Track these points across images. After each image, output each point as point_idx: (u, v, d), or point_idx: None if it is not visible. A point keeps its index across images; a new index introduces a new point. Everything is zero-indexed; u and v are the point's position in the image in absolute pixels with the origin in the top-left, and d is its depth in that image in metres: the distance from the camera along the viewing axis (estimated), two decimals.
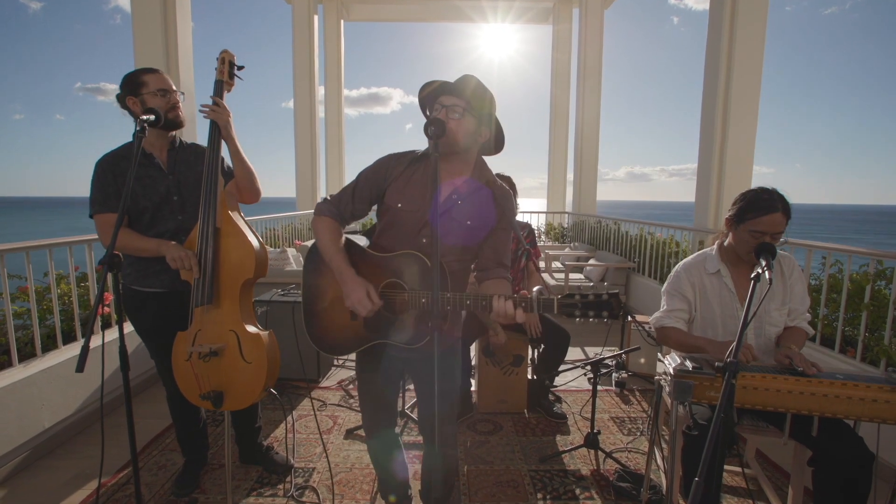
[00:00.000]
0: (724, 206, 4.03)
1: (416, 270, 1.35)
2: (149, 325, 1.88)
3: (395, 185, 1.43)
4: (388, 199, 1.44)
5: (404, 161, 1.46)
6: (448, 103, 1.35)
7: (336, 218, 1.48)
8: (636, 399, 3.01)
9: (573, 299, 1.20)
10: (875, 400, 1.36)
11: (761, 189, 1.66)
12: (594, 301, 1.19)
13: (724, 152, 4.01)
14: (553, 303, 1.20)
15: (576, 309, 1.20)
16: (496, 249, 1.48)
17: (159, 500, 1.97)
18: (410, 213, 1.41)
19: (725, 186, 4.02)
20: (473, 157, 1.46)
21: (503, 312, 1.23)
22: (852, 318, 2.46)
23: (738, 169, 4.01)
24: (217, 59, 1.77)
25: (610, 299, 1.19)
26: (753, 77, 3.91)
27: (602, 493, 2.04)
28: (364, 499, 2.00)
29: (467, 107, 1.36)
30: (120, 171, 1.76)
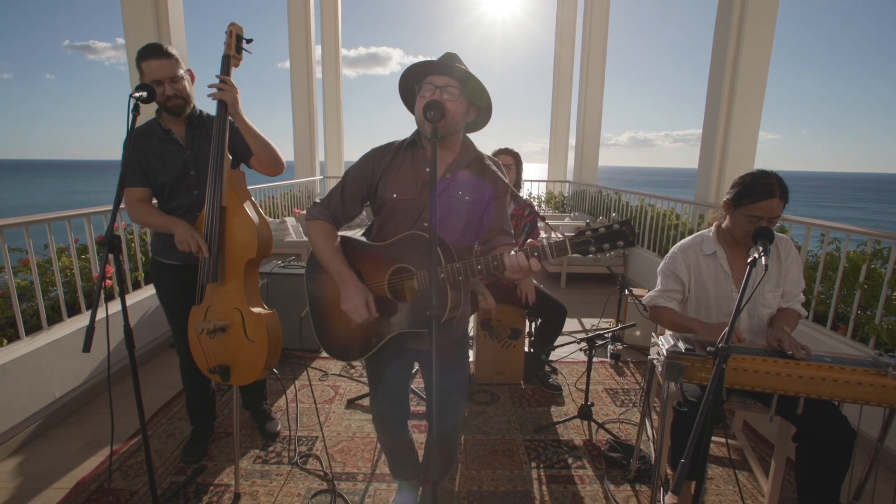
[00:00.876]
0: (726, 176, 4.00)
1: (422, 250, 1.32)
2: (167, 294, 1.98)
3: (386, 178, 1.41)
4: (381, 192, 1.42)
5: (389, 152, 1.44)
6: (441, 83, 1.31)
7: (329, 220, 1.45)
8: (630, 371, 3.09)
9: (584, 236, 1.12)
10: (860, 383, 1.40)
11: (760, 173, 1.65)
12: (606, 233, 1.11)
13: (730, 117, 3.92)
14: (565, 244, 1.13)
15: (590, 245, 1.11)
16: (497, 218, 1.47)
17: (169, 466, 2.06)
18: (407, 202, 1.40)
19: (730, 153, 3.95)
20: (461, 136, 1.43)
21: (517, 265, 1.17)
22: (846, 296, 2.49)
23: (743, 134, 3.93)
24: (225, 32, 1.73)
25: (622, 228, 1.11)
26: (765, 39, 3.80)
27: (593, 462, 2.13)
28: (365, 466, 2.09)
29: (461, 87, 1.32)
30: (143, 146, 1.83)
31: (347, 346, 1.48)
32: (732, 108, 3.91)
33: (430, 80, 1.32)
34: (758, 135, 4.02)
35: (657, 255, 4.68)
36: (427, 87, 1.32)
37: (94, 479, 1.96)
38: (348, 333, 1.46)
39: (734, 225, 1.70)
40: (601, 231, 1.10)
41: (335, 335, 1.50)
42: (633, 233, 1.12)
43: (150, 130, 1.86)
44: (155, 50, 1.74)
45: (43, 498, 1.86)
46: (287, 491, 1.92)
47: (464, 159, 1.42)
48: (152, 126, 1.87)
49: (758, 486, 1.98)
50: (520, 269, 1.18)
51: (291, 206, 6.44)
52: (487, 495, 1.92)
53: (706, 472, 1.99)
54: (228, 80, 1.67)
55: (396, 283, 1.37)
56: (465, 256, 1.45)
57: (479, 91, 1.36)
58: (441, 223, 1.39)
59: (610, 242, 1.10)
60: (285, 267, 3.33)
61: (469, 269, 1.24)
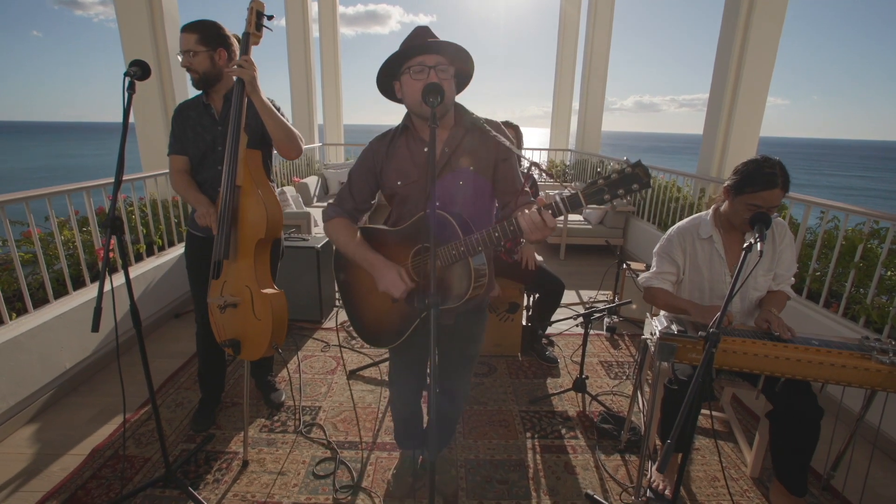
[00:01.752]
0: (731, 144, 3.90)
1: (439, 227, 1.30)
2: (192, 264, 2.08)
3: (387, 167, 1.42)
4: (385, 181, 1.42)
5: (385, 142, 1.44)
6: (432, 63, 1.27)
7: (344, 216, 1.48)
8: (625, 344, 3.17)
9: (597, 185, 1.07)
10: (844, 366, 1.45)
11: (764, 161, 1.64)
12: (619, 178, 1.05)
13: (738, 81, 3.78)
14: (578, 196, 1.09)
15: (604, 193, 1.06)
16: (507, 180, 1.44)
17: (179, 434, 2.15)
18: (413, 184, 1.40)
19: (736, 118, 3.85)
20: (451, 111, 1.40)
21: (532, 225, 1.15)
22: (841, 275, 2.52)
23: (751, 99, 3.82)
24: (248, 9, 1.71)
25: (635, 170, 1.04)
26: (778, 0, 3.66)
27: (586, 433, 2.23)
28: (367, 436, 2.18)
29: (448, 64, 1.31)
30: (184, 117, 1.96)
31: (388, 330, 1.48)
32: (741, 71, 3.77)
33: (420, 61, 1.28)
34: (766, 100, 3.90)
35: (657, 228, 4.68)
36: (417, 68, 1.28)
37: (108, 447, 2.05)
38: (383, 320, 1.48)
39: (733, 211, 1.70)
40: (613, 177, 1.06)
41: (376, 323, 1.51)
42: (648, 173, 1.05)
43: (193, 104, 1.98)
44: (186, 25, 1.86)
45: (61, 463, 1.95)
46: (293, 458, 2.02)
47: (459, 131, 1.40)
48: (197, 100, 1.98)
49: (741, 456, 2.08)
50: (536, 228, 1.15)
51: (290, 175, 6.39)
52: (484, 463, 2.01)
53: (693, 445, 2.08)
54: (248, 59, 1.67)
55: (421, 264, 1.35)
56: (483, 225, 1.45)
57: (466, 61, 1.34)
58: (452, 198, 1.38)
59: (624, 187, 1.04)
60: (286, 239, 3.35)
61: (487, 237, 1.22)
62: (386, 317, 1.46)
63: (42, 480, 1.87)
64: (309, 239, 3.38)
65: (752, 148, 3.96)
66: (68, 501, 1.75)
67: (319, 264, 3.26)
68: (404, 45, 1.32)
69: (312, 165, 7.32)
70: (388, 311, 1.45)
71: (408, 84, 1.31)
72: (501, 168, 1.43)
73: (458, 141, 1.40)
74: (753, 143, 3.96)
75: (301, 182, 5.98)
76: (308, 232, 4.11)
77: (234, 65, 1.65)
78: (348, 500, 1.81)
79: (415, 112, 1.36)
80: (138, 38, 3.50)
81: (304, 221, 4.08)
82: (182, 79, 3.76)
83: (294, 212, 4.17)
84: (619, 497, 1.84)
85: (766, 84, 3.85)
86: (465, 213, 1.38)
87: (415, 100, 1.29)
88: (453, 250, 1.27)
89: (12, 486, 1.83)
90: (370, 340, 1.54)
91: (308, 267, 3.26)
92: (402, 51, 1.30)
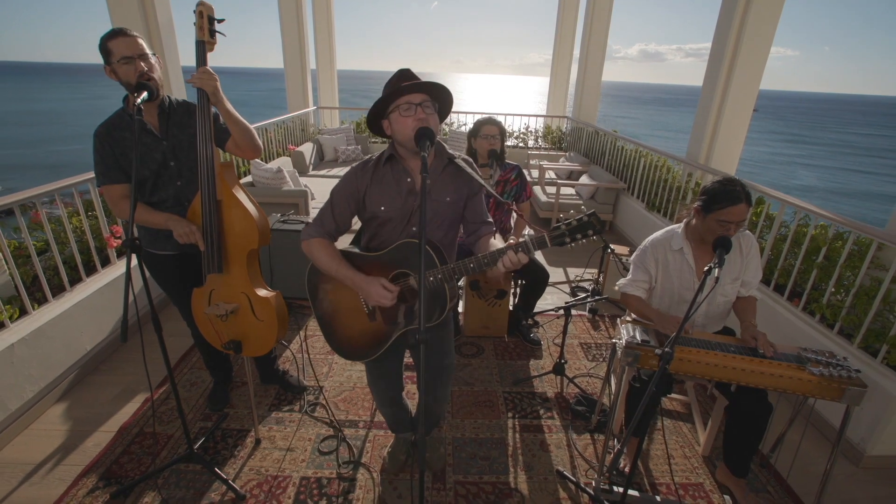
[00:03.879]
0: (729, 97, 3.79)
1: (417, 255, 1.44)
2: (167, 283, 2.09)
3: (370, 193, 1.54)
4: (368, 206, 1.56)
5: (369, 170, 1.56)
6: (417, 101, 1.40)
7: (324, 236, 1.60)
8: (605, 326, 3.41)
9: (560, 230, 1.30)
10: (782, 376, 1.67)
11: (727, 181, 1.79)
12: (577, 224, 1.28)
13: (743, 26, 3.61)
14: (545, 238, 1.31)
15: (565, 237, 1.29)
16: (477, 211, 1.63)
17: (197, 413, 2.39)
18: (395, 210, 1.54)
19: (737, 67, 3.70)
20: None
21: (508, 263, 1.34)
22: (806, 271, 2.71)
23: (756, 46, 3.66)
24: (194, 12, 1.67)
25: (590, 219, 1.27)
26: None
27: (561, 413, 2.49)
28: (365, 415, 2.43)
29: (433, 101, 1.44)
30: (115, 141, 1.79)
31: (361, 347, 1.66)
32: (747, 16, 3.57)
33: (407, 100, 1.41)
34: (769, 50, 3.76)
35: (645, 207, 4.81)
36: (405, 106, 1.41)
37: (134, 424, 2.29)
38: (360, 336, 1.65)
39: (705, 228, 1.86)
40: (573, 223, 1.28)
41: (349, 340, 1.68)
42: (600, 222, 1.30)
43: (120, 123, 1.78)
44: (122, 30, 1.69)
45: (94, 439, 2.20)
46: (300, 436, 2.27)
47: (439, 164, 1.55)
48: (121, 117, 1.79)
49: (696, 437, 2.36)
50: (512, 264, 1.35)
51: (286, 142, 6.37)
52: (469, 441, 2.28)
53: (648, 430, 2.35)
54: (206, 69, 1.66)
55: (401, 286, 1.52)
56: (452, 249, 1.64)
57: (446, 97, 1.48)
58: (427, 225, 1.52)
59: (581, 232, 1.28)
60: (285, 222, 3.48)
61: (463, 267, 1.40)
62: (360, 336, 1.65)
63: (79, 455, 2.11)
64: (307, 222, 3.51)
65: (751, 100, 3.82)
66: (105, 475, 2.00)
67: None
68: (389, 87, 1.44)
69: (308, 130, 7.26)
70: (363, 331, 1.63)
71: (397, 121, 1.44)
72: (472, 201, 1.61)
73: (438, 174, 1.55)
74: (752, 95, 3.81)
75: (297, 150, 5.99)
76: (306, 212, 4.21)
77: (193, 76, 1.63)
78: (350, 474, 2.07)
79: (403, 145, 1.48)
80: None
81: (301, 200, 4.18)
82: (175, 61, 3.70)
83: (291, 189, 4.24)
84: (585, 473, 2.12)
85: (772, 31, 3.65)
86: (440, 238, 1.57)
87: (405, 135, 1.43)
88: (431, 277, 1.44)
89: (55, 460, 2.08)
90: (345, 355, 1.72)
91: None
92: (390, 93, 1.42)
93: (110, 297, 2.82)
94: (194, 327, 2.14)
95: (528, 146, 8.07)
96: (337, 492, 1.98)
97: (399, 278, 1.55)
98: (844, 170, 26.21)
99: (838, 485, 2.14)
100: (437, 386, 1.84)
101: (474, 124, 2.83)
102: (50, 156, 21.25)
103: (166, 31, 3.45)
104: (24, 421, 2.24)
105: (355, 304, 1.64)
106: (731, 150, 3.96)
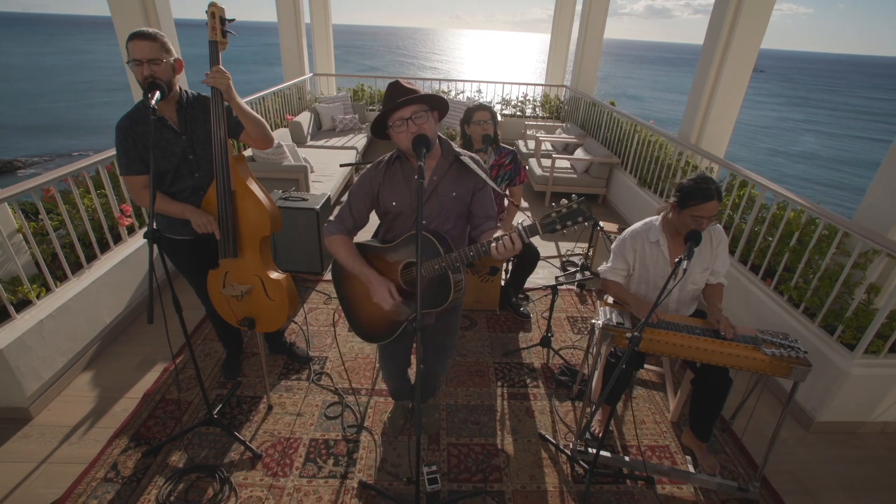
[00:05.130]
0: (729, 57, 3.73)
1: (424, 246, 1.58)
2: (184, 266, 2.26)
3: (383, 190, 1.69)
4: (382, 202, 1.71)
5: (381, 170, 1.70)
6: (407, 115, 1.52)
7: (344, 233, 1.75)
8: (592, 300, 3.61)
9: (551, 217, 1.35)
10: (738, 355, 1.87)
11: (700, 178, 1.93)
12: (568, 212, 1.33)
13: None
14: (536, 226, 1.37)
15: (556, 224, 1.34)
16: (482, 206, 1.74)
17: (212, 381, 2.62)
18: (406, 205, 1.69)
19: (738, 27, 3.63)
20: (437, 142, 1.67)
21: (503, 250, 1.43)
22: (779, 253, 2.89)
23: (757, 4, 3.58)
24: (206, 12, 1.78)
25: (579, 206, 1.33)
26: None
27: (546, 383, 2.73)
28: (367, 382, 2.66)
29: (424, 105, 1.55)
30: (137, 134, 1.91)
31: (378, 330, 1.84)
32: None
33: (398, 117, 1.54)
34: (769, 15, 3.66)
35: (637, 183, 4.93)
36: (398, 123, 1.54)
37: (157, 391, 2.51)
38: (375, 321, 1.83)
39: (679, 222, 2.02)
40: (564, 211, 1.34)
41: (368, 323, 1.86)
42: (590, 209, 1.34)
43: (142, 117, 1.90)
44: (141, 33, 1.79)
45: (122, 405, 2.43)
46: (308, 402, 2.50)
47: (446, 162, 1.69)
48: (142, 111, 1.90)
49: (667, 404, 2.60)
50: (506, 251, 1.43)
51: (283, 111, 6.36)
52: (461, 408, 2.52)
53: (623, 399, 2.59)
54: (219, 69, 1.77)
55: (408, 275, 1.71)
56: (461, 240, 1.79)
57: (437, 101, 1.59)
58: (436, 218, 1.70)
59: (572, 220, 1.33)
60: (287, 199, 3.60)
61: (464, 255, 1.53)
62: (377, 321, 1.82)
63: (109, 418, 2.34)
64: (308, 199, 3.62)
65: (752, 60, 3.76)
66: (135, 436, 2.24)
67: (319, 223, 3.53)
68: (383, 105, 1.56)
69: (304, 98, 7.22)
70: (380, 317, 1.80)
71: (394, 136, 1.59)
72: (477, 196, 1.73)
73: (445, 171, 1.68)
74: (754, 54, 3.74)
75: (294, 121, 6.00)
76: (306, 187, 4.31)
77: (207, 75, 1.75)
78: (353, 436, 2.31)
79: (407, 154, 1.62)
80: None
81: (301, 175, 4.28)
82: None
83: (291, 164, 4.32)
84: (564, 437, 2.37)
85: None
86: (448, 230, 1.71)
87: (405, 147, 1.58)
88: (436, 265, 1.59)
89: (88, 423, 2.31)
90: (365, 338, 1.90)
91: (308, 226, 3.54)
92: (382, 114, 1.55)
93: (125, 273, 2.98)
94: (209, 304, 2.31)
95: (525, 115, 8.05)
96: (343, 452, 2.23)
97: (408, 267, 1.71)
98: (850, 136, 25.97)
99: (790, 447, 2.41)
100: (436, 361, 2.05)
101: (465, 112, 2.90)
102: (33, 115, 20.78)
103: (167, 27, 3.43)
104: (57, 388, 2.45)
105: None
106: (726, 119, 3.97)
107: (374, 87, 8.12)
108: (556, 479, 2.15)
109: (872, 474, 2.29)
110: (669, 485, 2.16)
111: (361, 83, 8.18)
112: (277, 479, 2.08)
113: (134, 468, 2.08)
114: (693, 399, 2.20)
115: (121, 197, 3.14)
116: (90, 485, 2.00)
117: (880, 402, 2.41)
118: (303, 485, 2.06)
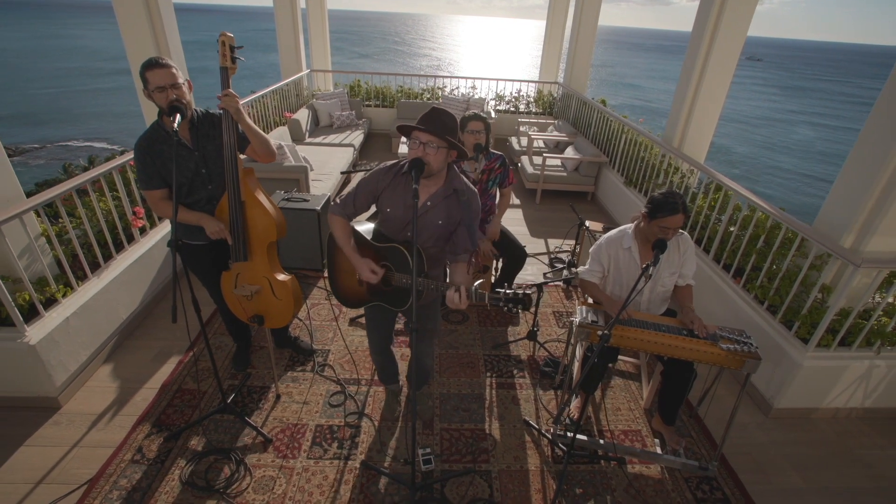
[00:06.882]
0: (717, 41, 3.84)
1: (400, 259, 1.92)
2: (200, 268, 2.47)
3: (385, 194, 1.92)
4: (380, 204, 1.96)
5: (391, 174, 1.91)
6: (424, 140, 1.74)
7: (344, 216, 2.00)
8: (577, 295, 3.84)
9: (499, 296, 1.69)
10: (699, 350, 2.11)
11: (668, 193, 2.15)
12: (512, 297, 1.68)
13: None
14: (485, 296, 1.73)
15: (500, 301, 1.69)
16: (462, 239, 1.96)
17: (224, 373, 2.84)
18: (397, 216, 1.91)
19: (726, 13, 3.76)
20: (445, 171, 1.88)
21: (454, 300, 1.75)
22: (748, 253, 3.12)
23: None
24: (217, 41, 1.97)
25: (523, 297, 1.66)
26: None
27: (532, 373, 2.97)
28: (367, 374, 2.89)
29: (440, 142, 1.75)
30: (156, 152, 2.11)
31: (348, 299, 2.19)
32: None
33: (416, 136, 1.75)
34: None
35: (624, 182, 5.13)
36: (413, 142, 1.75)
37: (174, 382, 2.73)
38: (349, 291, 2.16)
39: (648, 231, 2.24)
40: (510, 295, 1.68)
41: (342, 291, 2.20)
42: (530, 302, 1.71)
43: (158, 137, 2.09)
44: (157, 62, 1.98)
45: (142, 394, 2.64)
46: (313, 392, 2.73)
47: (443, 192, 1.90)
48: (157, 131, 2.10)
49: (641, 393, 2.85)
50: (455, 302, 1.76)
51: (281, 109, 6.50)
52: (453, 396, 2.76)
53: (597, 388, 2.83)
54: (229, 92, 1.98)
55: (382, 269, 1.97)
56: (438, 259, 2.04)
57: (452, 136, 1.78)
58: (419, 234, 1.92)
59: (513, 303, 1.69)
60: (289, 200, 3.78)
61: (426, 284, 1.83)
62: (350, 292, 2.16)
63: (131, 407, 2.56)
64: (309, 199, 3.81)
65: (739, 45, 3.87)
66: (156, 423, 2.46)
67: (320, 223, 3.73)
68: (419, 120, 1.75)
69: (302, 94, 7.34)
70: (353, 289, 2.13)
71: (409, 145, 1.80)
72: (460, 229, 1.95)
73: (439, 200, 1.90)
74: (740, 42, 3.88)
75: (293, 118, 6.15)
76: (307, 188, 4.49)
77: (219, 98, 1.95)
78: (355, 423, 2.55)
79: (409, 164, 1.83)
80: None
81: (301, 175, 4.45)
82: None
83: (293, 165, 4.49)
84: (546, 422, 2.62)
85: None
86: (428, 248, 1.96)
87: (409, 158, 1.79)
88: (404, 279, 1.90)
89: (112, 411, 2.53)
90: (341, 301, 2.23)
91: (310, 225, 3.74)
92: (410, 127, 1.76)
93: (138, 272, 3.18)
94: (221, 303, 2.53)
95: (518, 111, 8.21)
96: (346, 436, 2.46)
97: (384, 267, 1.98)
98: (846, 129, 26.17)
99: (750, 431, 2.67)
100: (420, 341, 2.29)
101: (461, 120, 3.08)
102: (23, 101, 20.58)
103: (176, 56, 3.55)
104: (81, 379, 2.67)
105: (352, 268, 2.06)
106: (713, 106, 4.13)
107: (371, 84, 8.24)
108: (537, 460, 2.39)
109: (822, 455, 2.56)
110: (639, 465, 2.41)
111: (358, 79, 8.30)
112: (287, 460, 2.31)
113: (157, 451, 2.31)
114: (662, 388, 2.45)
115: (133, 199, 3.32)
116: (119, 466, 2.23)
117: (831, 391, 2.67)
118: (310, 465, 2.30)
